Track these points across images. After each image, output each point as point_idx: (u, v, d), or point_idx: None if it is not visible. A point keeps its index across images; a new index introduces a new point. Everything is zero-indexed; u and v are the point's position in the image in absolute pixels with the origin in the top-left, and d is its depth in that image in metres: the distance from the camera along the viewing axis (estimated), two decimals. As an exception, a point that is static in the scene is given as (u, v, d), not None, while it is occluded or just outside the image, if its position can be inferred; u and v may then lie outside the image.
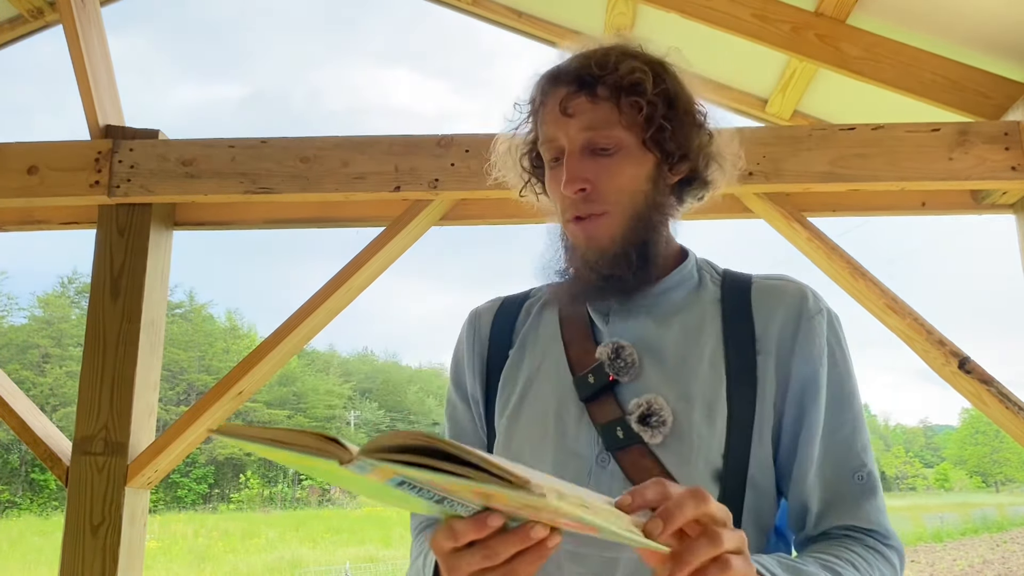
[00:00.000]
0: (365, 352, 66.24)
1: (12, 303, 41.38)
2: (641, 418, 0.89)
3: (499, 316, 1.09)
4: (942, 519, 29.30)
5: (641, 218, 0.95)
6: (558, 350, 1.00)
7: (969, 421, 70.81)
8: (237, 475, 41.59)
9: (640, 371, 0.93)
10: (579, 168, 0.93)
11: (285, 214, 2.50)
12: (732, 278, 1.01)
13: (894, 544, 0.91)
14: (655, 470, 0.88)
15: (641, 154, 0.95)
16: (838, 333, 0.97)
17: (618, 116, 0.93)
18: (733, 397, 0.91)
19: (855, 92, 2.62)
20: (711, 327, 0.95)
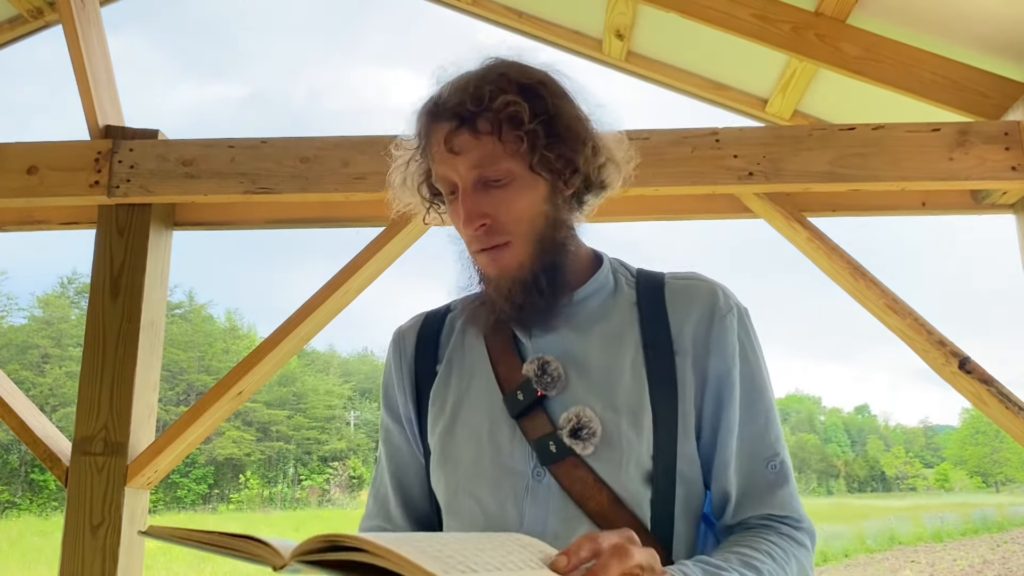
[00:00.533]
0: (365, 352, 66.20)
1: (12, 303, 41.38)
2: (572, 432, 0.92)
3: (422, 333, 1.11)
4: (942, 519, 29.29)
5: (545, 239, 0.98)
6: (486, 368, 1.02)
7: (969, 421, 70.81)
8: (237, 475, 41.58)
9: (566, 384, 0.96)
10: (475, 204, 0.95)
11: (285, 214, 2.50)
12: (646, 279, 1.04)
13: (806, 527, 0.97)
14: (588, 479, 0.92)
15: (532, 179, 0.96)
16: (748, 329, 1.01)
17: (502, 148, 0.94)
18: (656, 400, 0.95)
19: (855, 92, 2.62)
20: (630, 332, 0.99)
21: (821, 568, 19.37)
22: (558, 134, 0.96)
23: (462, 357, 1.06)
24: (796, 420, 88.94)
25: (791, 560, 0.92)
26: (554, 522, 0.91)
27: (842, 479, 74.28)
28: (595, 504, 0.91)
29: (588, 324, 1.00)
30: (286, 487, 43.06)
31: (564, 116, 0.97)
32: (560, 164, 0.97)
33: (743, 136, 2.27)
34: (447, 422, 1.02)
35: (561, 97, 0.98)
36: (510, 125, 0.94)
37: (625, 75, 3.05)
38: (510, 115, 0.94)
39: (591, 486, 0.92)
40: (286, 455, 44.55)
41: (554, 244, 0.99)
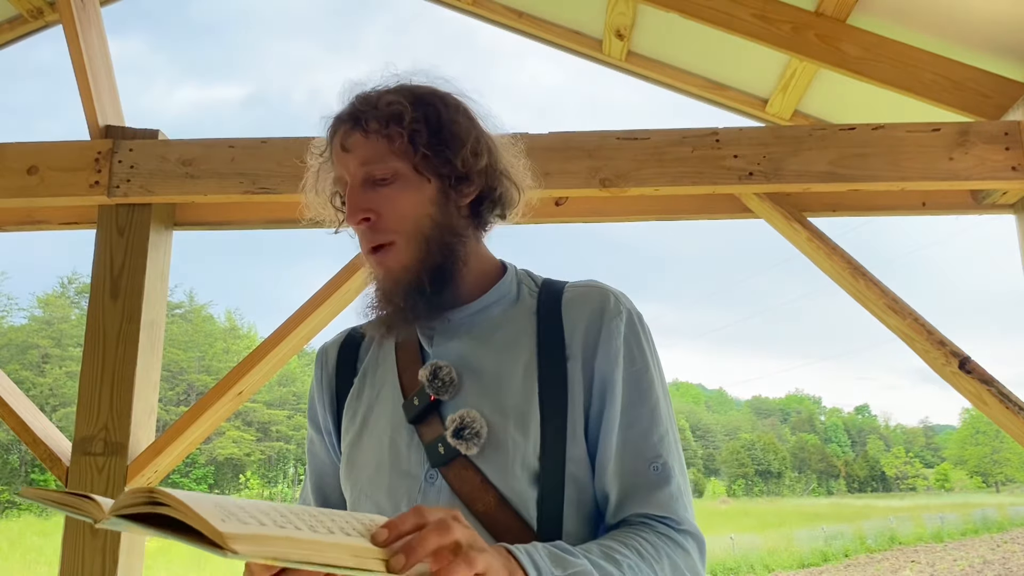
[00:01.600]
0: (365, 352, 65.96)
1: (12, 303, 41.38)
2: (456, 432, 0.95)
3: (343, 349, 1.15)
4: (942, 519, 29.30)
5: (431, 241, 1.00)
6: (393, 376, 1.06)
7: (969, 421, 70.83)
8: (237, 475, 41.57)
9: (459, 389, 0.99)
10: (361, 200, 1.00)
11: (285, 214, 2.50)
12: (548, 288, 1.06)
13: (688, 529, 0.96)
14: (476, 480, 0.94)
15: (418, 180, 1.00)
16: (638, 332, 1.02)
17: (388, 148, 1.00)
18: (545, 403, 0.96)
19: (855, 92, 2.62)
20: (526, 339, 1.01)
21: (821, 568, 19.37)
22: (443, 138, 1.00)
23: (375, 368, 1.10)
24: (796, 420, 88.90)
25: (662, 559, 0.91)
26: None
27: (842, 479, 74.27)
28: (482, 505, 0.93)
29: (487, 332, 1.03)
30: (286, 487, 43.05)
31: (452, 123, 1.02)
32: (446, 168, 1.01)
33: (743, 136, 2.27)
34: (356, 430, 1.06)
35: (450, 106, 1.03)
36: (396, 125, 0.99)
37: (625, 75, 3.05)
38: (394, 115, 0.99)
39: (478, 487, 0.94)
40: (286, 455, 44.53)
41: (441, 248, 1.01)
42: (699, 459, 71.84)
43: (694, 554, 0.95)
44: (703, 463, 71.71)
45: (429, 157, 1.00)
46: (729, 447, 71.95)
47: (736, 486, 65.47)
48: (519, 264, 1.13)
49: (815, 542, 22.56)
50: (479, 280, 1.06)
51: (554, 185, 2.23)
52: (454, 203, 1.03)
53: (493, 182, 1.05)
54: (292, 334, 2.33)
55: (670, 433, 1.00)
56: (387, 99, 1.00)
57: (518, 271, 1.10)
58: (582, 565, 0.83)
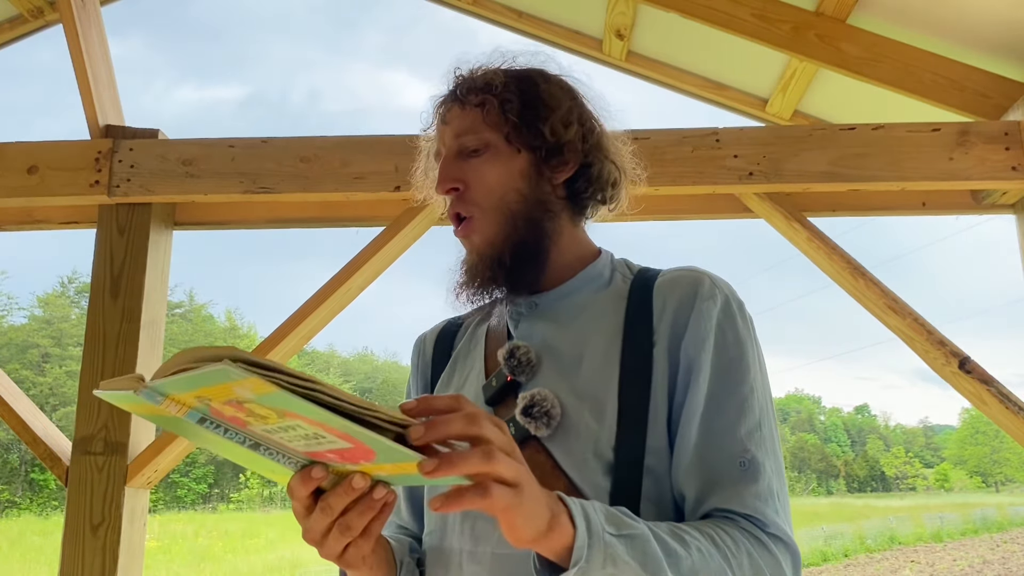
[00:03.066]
0: (365, 352, 66.16)
1: (12, 303, 41.36)
2: (524, 410, 0.91)
3: (440, 338, 1.14)
4: (942, 519, 29.30)
5: (518, 216, 0.98)
6: (480, 360, 1.04)
7: (969, 421, 70.83)
8: (237, 475, 41.57)
9: (537, 370, 0.96)
10: (450, 170, 1.00)
11: (285, 214, 2.50)
12: (642, 275, 1.02)
13: (776, 533, 0.86)
14: (547, 465, 0.89)
15: (510, 152, 0.99)
16: (735, 318, 0.94)
17: (482, 118, 1.00)
18: (625, 390, 0.91)
19: (855, 92, 2.62)
20: (611, 323, 0.96)
21: (821, 568, 19.37)
22: (538, 109, 0.99)
23: (466, 354, 1.08)
24: (796, 420, 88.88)
25: (741, 554, 0.81)
26: None
27: (842, 479, 74.29)
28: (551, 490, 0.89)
29: (571, 316, 1.00)
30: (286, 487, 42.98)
31: (550, 97, 1.01)
32: (538, 140, 0.99)
33: (743, 136, 2.27)
34: None
35: (549, 80, 1.03)
36: (488, 94, 0.99)
37: (625, 75, 3.05)
38: (487, 84, 1.00)
39: (549, 472, 0.89)
40: (286, 455, 44.44)
41: (528, 224, 0.99)
42: (699, 459, 71.54)
43: (785, 565, 0.85)
44: (703, 463, 71.41)
45: (520, 127, 0.99)
46: (729, 447, 71.62)
47: (736, 486, 65.22)
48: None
49: (815, 542, 22.57)
50: (572, 264, 1.03)
51: (554, 185, 2.24)
52: (547, 179, 1.01)
53: (590, 159, 1.02)
54: (292, 334, 2.33)
55: (764, 428, 0.91)
56: (485, 72, 1.02)
57: (615, 259, 1.06)
58: (640, 530, 0.76)
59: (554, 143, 0.99)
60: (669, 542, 0.77)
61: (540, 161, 1.00)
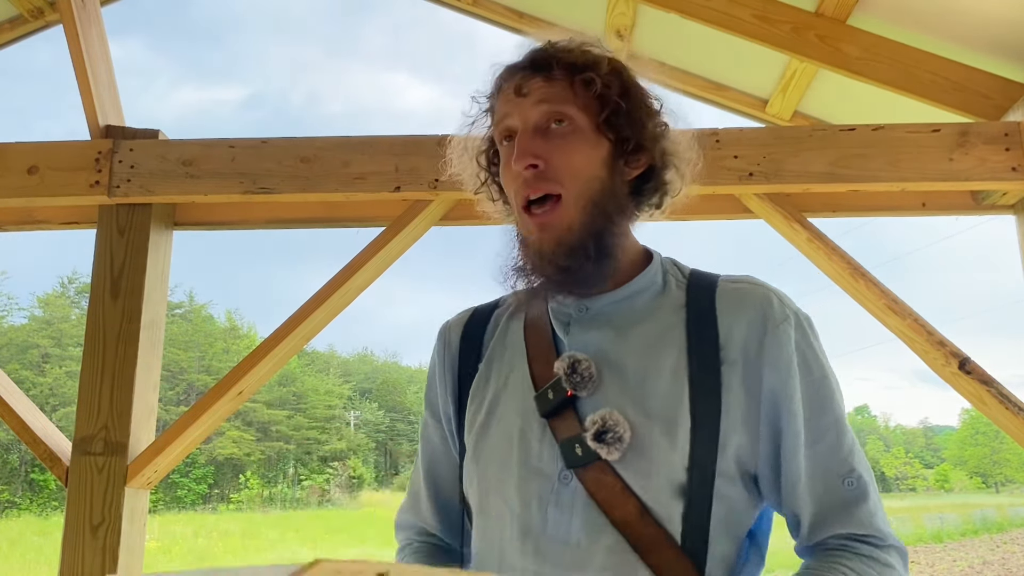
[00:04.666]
0: (365, 352, 66.10)
1: (12, 303, 41.34)
2: (597, 435, 0.88)
3: (468, 328, 1.08)
4: (942, 520, 29.28)
5: (598, 205, 0.92)
6: (523, 364, 0.98)
7: (969, 422, 70.79)
8: (237, 475, 41.55)
9: (599, 384, 0.91)
10: (531, 144, 0.91)
11: (285, 214, 2.50)
12: (698, 280, 0.98)
13: (892, 543, 0.89)
14: (616, 486, 0.87)
15: (596, 137, 0.93)
16: (809, 337, 0.93)
17: (572, 95, 0.92)
18: (696, 410, 0.88)
19: (855, 92, 2.62)
20: (674, 335, 0.92)
21: (821, 568, 19.35)
22: (631, 100, 0.94)
23: (503, 353, 1.02)
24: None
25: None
26: (577, 528, 0.88)
27: (842, 479, 74.00)
28: (621, 513, 0.87)
29: (629, 323, 0.94)
30: (286, 487, 43.04)
31: (640, 89, 0.97)
32: (627, 131, 0.94)
33: (743, 136, 2.27)
34: (483, 420, 0.99)
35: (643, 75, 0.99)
36: (585, 70, 0.92)
37: (625, 75, 3.05)
38: (588, 61, 0.93)
39: (618, 494, 0.87)
40: (286, 455, 44.52)
41: (606, 216, 0.93)
42: (699, 459, 71.61)
43: (899, 568, 0.88)
44: (703, 463, 71.52)
45: (615, 115, 0.93)
46: (729, 447, 71.72)
47: (736, 486, 65.30)
48: None
49: (815, 542, 22.51)
50: (625, 267, 0.97)
51: (554, 185, 2.23)
52: (621, 173, 0.95)
53: (664, 162, 0.98)
54: (292, 334, 2.33)
55: (856, 443, 0.92)
56: (582, 48, 0.94)
57: (663, 259, 1.02)
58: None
59: (637, 136, 0.95)
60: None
61: (620, 152, 0.95)
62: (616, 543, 0.86)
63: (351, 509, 37.66)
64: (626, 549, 0.86)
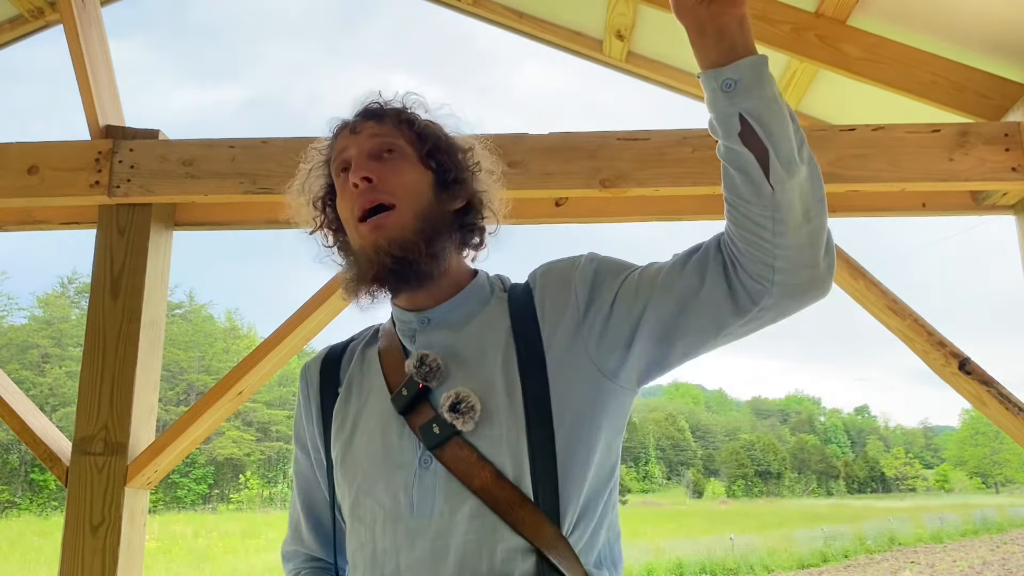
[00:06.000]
0: (365, 352, 65.94)
1: (12, 303, 41.35)
2: (452, 407, 0.98)
3: (325, 364, 1.19)
4: (942, 520, 29.29)
5: (427, 219, 1.05)
6: (380, 380, 1.09)
7: (969, 422, 70.82)
8: (237, 475, 41.56)
9: (447, 374, 1.03)
10: (365, 165, 1.05)
11: (285, 214, 2.49)
12: (517, 284, 1.13)
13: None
14: (472, 457, 0.97)
15: (420, 166, 1.08)
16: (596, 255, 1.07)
17: (400, 132, 1.09)
18: (527, 378, 1.00)
19: (855, 93, 2.62)
20: (501, 323, 1.06)
21: (821, 569, 19.36)
22: (447, 140, 1.11)
23: (361, 378, 1.13)
24: (796, 421, 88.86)
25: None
26: (440, 501, 0.97)
27: (842, 480, 74.24)
28: (479, 480, 0.96)
29: (464, 322, 1.08)
30: (286, 487, 43.01)
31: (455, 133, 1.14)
32: (446, 163, 1.09)
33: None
34: (347, 434, 1.08)
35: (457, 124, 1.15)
36: (408, 119, 1.10)
37: (625, 75, 3.05)
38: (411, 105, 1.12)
39: (474, 464, 0.97)
40: (286, 455, 44.48)
41: (433, 229, 1.05)
42: (699, 459, 71.77)
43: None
44: (703, 463, 71.65)
45: (433, 150, 1.08)
46: (729, 448, 71.90)
47: (736, 487, 65.43)
48: (512, 266, 1.19)
49: (815, 543, 22.56)
50: (456, 284, 1.11)
51: (554, 186, 2.23)
52: (443, 202, 1.09)
53: (477, 200, 1.12)
54: (292, 334, 2.33)
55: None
56: (408, 99, 1.12)
57: (489, 275, 1.16)
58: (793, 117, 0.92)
59: (456, 173, 1.09)
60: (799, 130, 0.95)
61: (442, 185, 1.09)
62: (477, 508, 0.96)
63: (351, 509, 37.55)
64: (486, 512, 0.95)
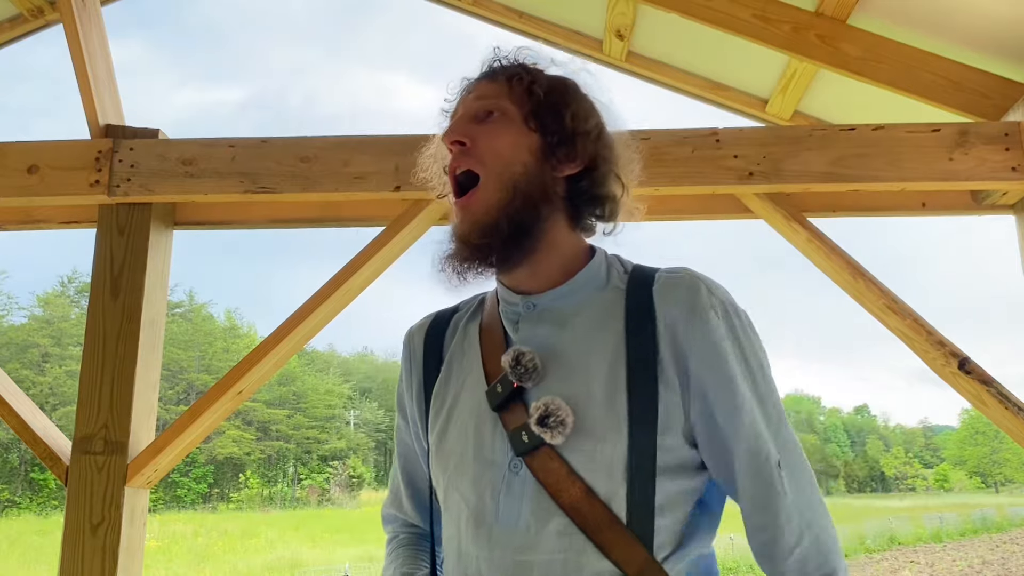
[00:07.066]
0: (365, 352, 66.13)
1: (12, 302, 41.36)
2: (540, 420, 0.92)
3: (430, 334, 1.14)
4: (942, 519, 29.30)
5: (518, 189, 0.98)
6: (478, 364, 1.04)
7: (969, 422, 70.81)
8: (237, 475, 41.56)
9: (544, 375, 0.96)
10: (461, 126, 1.02)
11: (285, 214, 2.50)
12: (638, 273, 1.03)
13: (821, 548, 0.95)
14: (562, 471, 0.91)
15: (523, 127, 1.01)
16: (736, 328, 0.97)
17: (508, 91, 1.03)
18: (635, 394, 0.93)
19: (855, 92, 2.62)
20: (614, 325, 0.97)
21: (820, 568, 19.36)
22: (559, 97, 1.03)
23: (461, 354, 1.08)
24: (795, 420, 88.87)
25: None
26: (526, 512, 0.92)
27: (841, 479, 74.26)
28: (568, 496, 0.90)
29: (572, 316, 1.00)
30: (286, 486, 43.06)
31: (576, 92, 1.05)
32: (553, 124, 1.01)
33: (743, 136, 2.27)
34: (443, 420, 1.04)
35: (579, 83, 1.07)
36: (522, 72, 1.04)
37: (625, 75, 3.05)
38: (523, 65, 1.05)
39: (564, 478, 0.91)
40: (286, 454, 44.53)
41: (526, 201, 0.98)
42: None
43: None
44: (703, 463, 71.49)
45: (540, 109, 1.01)
46: (729, 447, 71.63)
47: (736, 486, 65.25)
48: None
49: (814, 542, 22.50)
50: (566, 264, 1.03)
51: (554, 185, 2.23)
52: (552, 167, 1.01)
53: (597, 163, 1.03)
54: (292, 334, 2.33)
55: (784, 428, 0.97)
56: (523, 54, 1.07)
57: (608, 255, 1.07)
58: None
59: (568, 134, 1.01)
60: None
61: (550, 148, 1.01)
62: (565, 526, 0.90)
63: (351, 509, 37.67)
64: (574, 531, 0.90)
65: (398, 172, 2.30)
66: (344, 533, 26.30)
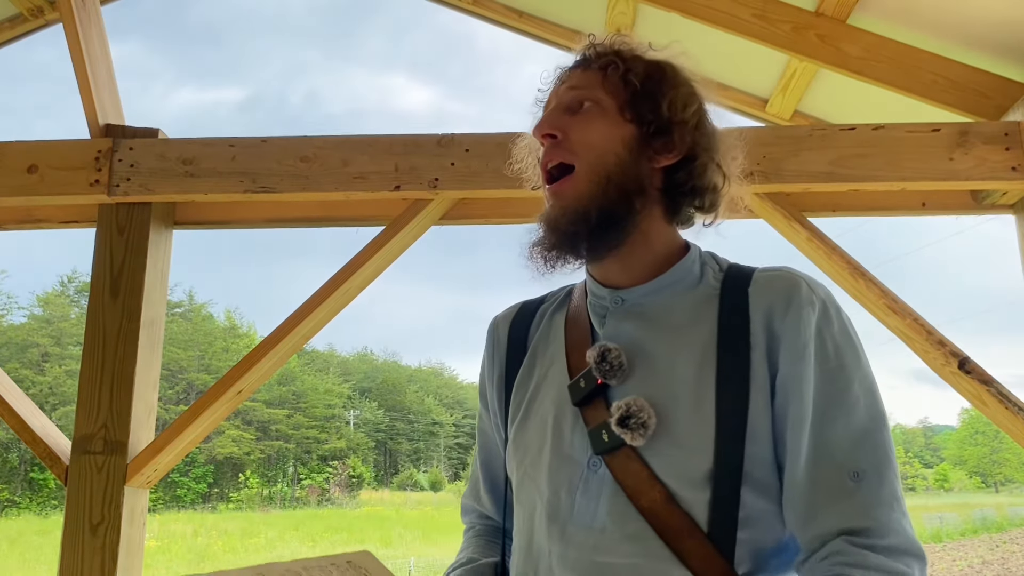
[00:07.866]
0: (365, 351, 66.10)
1: (12, 302, 41.38)
2: (621, 421, 0.88)
3: (515, 323, 1.11)
4: (941, 519, 29.30)
5: (611, 180, 0.94)
6: (562, 356, 1.01)
7: (969, 421, 70.80)
8: (236, 474, 41.56)
9: (629, 373, 0.93)
10: (553, 118, 0.98)
11: (285, 213, 2.50)
12: (734, 272, 0.98)
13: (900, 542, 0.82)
14: (643, 473, 0.87)
15: (617, 117, 0.97)
16: (833, 325, 0.91)
17: (601, 80, 0.99)
18: (723, 398, 0.88)
19: (855, 92, 2.62)
20: (706, 325, 0.93)
21: (820, 568, 19.38)
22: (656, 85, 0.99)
23: (546, 347, 1.05)
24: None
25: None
26: (603, 514, 0.89)
27: (841, 479, 74.09)
28: (647, 500, 0.87)
29: (662, 313, 0.96)
30: (285, 486, 43.06)
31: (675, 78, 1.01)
32: (650, 114, 0.97)
33: (743, 136, 2.27)
34: (524, 410, 1.02)
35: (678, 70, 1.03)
36: (616, 60, 0.99)
37: (625, 75, 3.05)
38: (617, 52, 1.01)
39: (644, 481, 0.87)
40: (285, 454, 44.54)
41: (619, 192, 0.94)
42: (698, 459, 71.71)
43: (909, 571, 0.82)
44: (702, 463, 71.61)
45: (636, 98, 0.97)
46: (728, 447, 71.82)
47: (735, 486, 65.36)
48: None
49: (814, 542, 22.52)
50: (659, 260, 0.99)
51: (554, 185, 2.23)
52: (648, 158, 0.97)
53: (696, 152, 0.98)
54: (291, 333, 2.33)
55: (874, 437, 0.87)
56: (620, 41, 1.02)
57: (702, 252, 1.03)
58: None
59: (664, 123, 0.97)
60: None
61: (646, 138, 0.97)
62: (642, 530, 0.86)
63: (350, 509, 37.68)
64: (651, 536, 0.86)
65: (398, 172, 2.30)
66: (344, 533, 26.31)
